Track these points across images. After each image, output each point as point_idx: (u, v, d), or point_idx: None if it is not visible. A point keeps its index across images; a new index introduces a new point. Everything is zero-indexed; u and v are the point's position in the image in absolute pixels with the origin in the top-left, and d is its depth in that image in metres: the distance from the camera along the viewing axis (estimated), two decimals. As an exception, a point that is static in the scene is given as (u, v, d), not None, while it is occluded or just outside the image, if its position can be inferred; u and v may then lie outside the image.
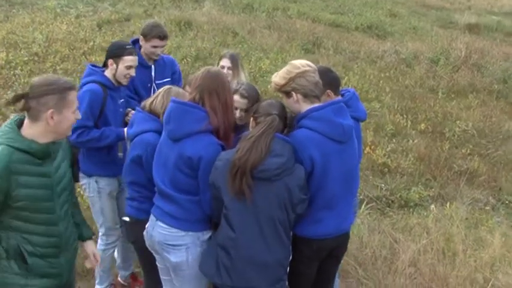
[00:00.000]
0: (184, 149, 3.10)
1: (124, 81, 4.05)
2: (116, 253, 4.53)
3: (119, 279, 4.62)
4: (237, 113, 3.61)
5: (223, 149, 3.16)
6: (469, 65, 12.51)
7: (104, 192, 4.13)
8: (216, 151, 3.11)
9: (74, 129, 3.72)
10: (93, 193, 4.12)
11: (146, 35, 4.51)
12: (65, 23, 12.14)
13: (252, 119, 3.24)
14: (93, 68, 4.05)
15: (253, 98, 3.61)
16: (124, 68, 3.98)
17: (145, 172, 3.40)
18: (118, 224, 4.30)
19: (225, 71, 4.66)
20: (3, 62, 9.32)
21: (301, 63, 3.22)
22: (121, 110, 4.14)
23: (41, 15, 12.84)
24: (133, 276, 4.64)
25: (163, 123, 3.25)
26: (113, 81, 4.02)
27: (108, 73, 4.01)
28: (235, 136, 3.40)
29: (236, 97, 3.65)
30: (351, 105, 3.54)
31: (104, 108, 3.94)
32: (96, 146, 3.99)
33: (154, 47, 4.53)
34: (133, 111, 4.21)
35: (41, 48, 10.16)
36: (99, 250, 4.20)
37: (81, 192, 4.78)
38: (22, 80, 8.77)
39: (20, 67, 9.23)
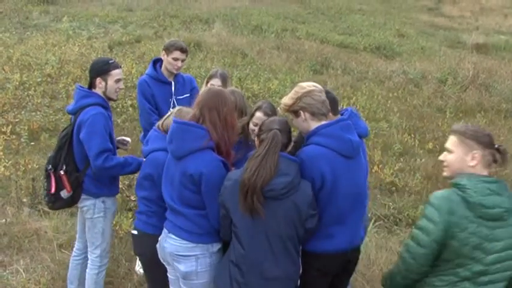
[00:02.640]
0: (187, 166, 3.21)
1: (115, 96, 4.07)
2: (70, 276, 4.41)
3: None
4: (257, 130, 3.73)
5: (225, 164, 3.26)
6: (477, 84, 12.54)
7: (109, 212, 4.16)
8: (216, 167, 3.22)
9: (100, 154, 3.78)
10: (99, 214, 4.09)
11: (168, 48, 4.83)
12: (77, 44, 12.37)
13: (256, 138, 3.33)
14: (85, 90, 4.02)
15: (274, 115, 3.74)
16: (113, 82, 3.98)
17: (156, 189, 3.50)
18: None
19: None
20: (17, 83, 9.51)
21: (307, 84, 3.36)
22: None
23: (53, 37, 13.09)
24: None
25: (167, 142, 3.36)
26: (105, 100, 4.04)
27: (98, 92, 3.99)
28: (242, 155, 3.50)
29: (259, 114, 3.81)
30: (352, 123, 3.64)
31: (109, 129, 3.98)
32: (120, 173, 4.06)
33: (175, 59, 4.83)
34: (126, 139, 4.33)
35: (54, 70, 10.35)
36: (93, 274, 4.18)
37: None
38: (35, 101, 8.94)
39: (33, 88, 9.41)
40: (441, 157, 3.03)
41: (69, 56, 11.32)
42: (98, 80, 3.97)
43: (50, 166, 3.97)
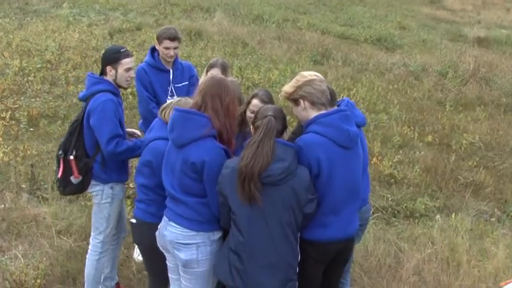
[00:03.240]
0: (188, 154, 3.21)
1: (125, 85, 4.10)
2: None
3: None
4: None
5: (226, 152, 3.26)
6: (478, 78, 12.52)
7: (117, 199, 4.18)
8: (218, 155, 3.22)
9: (111, 139, 3.82)
10: (107, 199, 4.11)
11: (158, 38, 4.85)
12: (77, 31, 12.32)
13: (251, 125, 3.34)
14: (96, 76, 4.06)
15: (271, 103, 3.75)
16: (123, 71, 4.00)
17: (155, 176, 3.50)
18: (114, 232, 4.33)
19: None
20: (17, 69, 9.48)
21: (308, 73, 3.38)
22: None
23: (53, 23, 13.04)
24: (118, 285, 4.56)
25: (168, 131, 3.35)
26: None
27: (109, 80, 4.02)
28: (239, 144, 3.51)
29: (255, 101, 3.83)
30: None
31: (119, 116, 4.00)
32: (130, 156, 4.08)
33: (167, 48, 4.82)
34: (137, 132, 4.34)
35: (54, 56, 10.33)
36: (94, 260, 4.20)
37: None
38: (35, 87, 8.92)
39: (33, 74, 9.39)
40: None
41: (69, 42, 11.29)
42: (109, 68, 4.00)
43: (61, 151, 4.01)
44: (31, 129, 7.60)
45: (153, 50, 4.96)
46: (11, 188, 6.09)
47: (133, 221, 3.70)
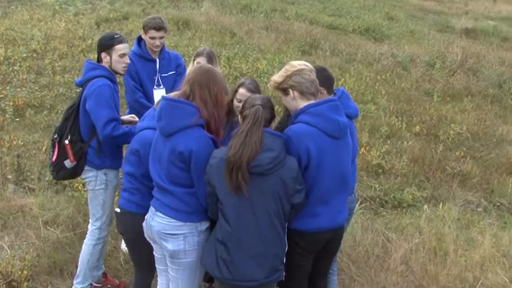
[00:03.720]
0: (176, 144, 3.19)
1: (121, 70, 4.10)
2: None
3: (92, 282, 4.47)
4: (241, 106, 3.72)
5: (214, 142, 3.25)
6: (465, 69, 12.59)
7: (111, 185, 4.18)
8: (206, 144, 3.20)
9: (108, 123, 3.84)
10: (100, 185, 4.13)
11: (144, 27, 4.81)
12: (63, 20, 12.20)
13: (239, 115, 3.32)
14: (93, 62, 4.08)
15: (258, 92, 3.73)
16: (118, 57, 4.01)
17: (141, 166, 3.47)
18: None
19: None
20: (2, 58, 9.38)
21: (298, 63, 3.36)
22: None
23: (39, 12, 12.90)
24: (105, 275, 4.54)
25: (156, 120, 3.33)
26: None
27: (105, 65, 4.03)
28: (227, 133, 3.49)
29: (242, 90, 3.81)
30: (341, 103, 3.64)
31: (115, 101, 4.02)
32: (125, 141, 4.05)
33: (152, 38, 4.79)
34: (136, 118, 4.32)
35: (40, 45, 10.21)
36: (90, 245, 4.22)
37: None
38: (21, 76, 8.82)
39: (18, 63, 9.29)
40: None
41: (56, 32, 11.17)
42: (103, 54, 4.02)
43: (56, 135, 4.02)
44: (17, 119, 7.53)
45: (140, 39, 4.92)
46: (-4, 179, 6.04)
47: (118, 210, 3.68)
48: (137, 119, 4.34)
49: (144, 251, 3.54)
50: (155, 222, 3.33)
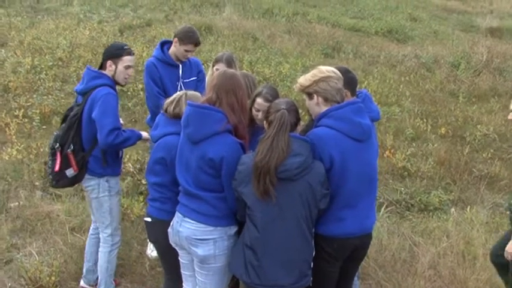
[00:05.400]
0: (205, 151, 3.19)
1: (123, 82, 4.12)
2: (87, 254, 4.51)
3: (83, 285, 4.55)
4: (259, 115, 3.72)
5: (242, 147, 3.25)
6: (491, 69, 12.39)
7: (114, 191, 4.21)
8: (237, 150, 3.21)
9: (111, 131, 3.85)
10: (104, 193, 4.15)
11: (183, 39, 4.79)
12: (87, 28, 12.35)
13: (265, 121, 3.32)
14: (96, 71, 4.08)
15: (276, 99, 3.69)
16: (123, 68, 4.03)
17: (168, 173, 3.48)
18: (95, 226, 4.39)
19: None
20: (29, 67, 9.52)
21: (326, 69, 3.34)
22: None
23: (64, 21, 13.08)
24: (115, 281, 4.56)
25: (181, 126, 3.33)
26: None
27: (107, 74, 4.04)
28: (253, 138, 3.48)
29: (259, 100, 3.78)
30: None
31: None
32: (123, 147, 4.12)
33: (187, 51, 4.83)
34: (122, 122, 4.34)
35: (65, 54, 10.36)
36: (106, 253, 4.27)
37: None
38: (47, 84, 8.95)
39: (44, 72, 9.42)
40: (509, 116, 3.89)
41: (80, 39, 11.31)
42: (109, 62, 4.02)
43: (58, 145, 4.01)
44: (44, 126, 7.64)
45: (163, 44, 4.93)
46: (24, 186, 6.14)
47: (148, 219, 3.68)
48: (122, 122, 4.34)
49: (176, 257, 3.55)
50: (183, 228, 3.33)
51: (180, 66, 4.93)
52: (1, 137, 7.34)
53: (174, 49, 4.85)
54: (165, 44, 4.93)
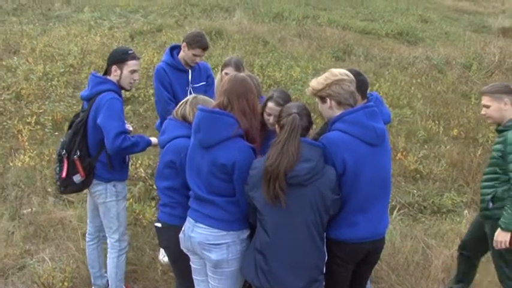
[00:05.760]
0: (217, 156, 3.18)
1: (128, 87, 4.13)
2: (90, 261, 4.53)
3: None
4: (271, 119, 3.71)
5: (254, 151, 3.24)
6: (503, 69, 12.28)
7: (121, 196, 4.23)
8: (249, 154, 3.21)
9: (118, 135, 3.84)
10: (111, 198, 4.16)
11: (191, 44, 4.79)
12: (98, 34, 12.42)
13: (276, 125, 3.31)
14: (100, 76, 4.09)
15: (287, 103, 3.67)
16: (128, 72, 4.03)
17: (178, 177, 3.47)
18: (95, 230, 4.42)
19: None
20: (41, 74, 9.59)
21: (339, 72, 3.30)
22: None
23: (75, 28, 13.17)
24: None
25: (192, 131, 3.33)
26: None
27: (112, 79, 4.05)
28: (265, 142, 3.48)
29: (271, 104, 3.78)
30: None
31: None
32: (131, 153, 4.13)
33: (195, 55, 4.82)
34: (130, 128, 4.34)
35: (76, 60, 10.42)
36: (114, 258, 4.27)
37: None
38: (59, 91, 9.02)
39: (56, 78, 9.48)
40: (482, 112, 4.17)
41: (91, 46, 11.38)
42: (114, 67, 4.03)
43: (64, 151, 4.02)
44: (56, 133, 7.69)
45: (172, 49, 4.94)
46: (37, 192, 6.18)
47: (159, 225, 3.67)
48: (131, 128, 4.37)
49: (188, 262, 3.54)
50: (196, 233, 3.32)
51: (190, 71, 4.94)
52: (14, 144, 7.40)
53: (182, 54, 4.87)
54: (175, 49, 4.95)
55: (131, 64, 4.04)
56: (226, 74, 4.73)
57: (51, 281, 4.51)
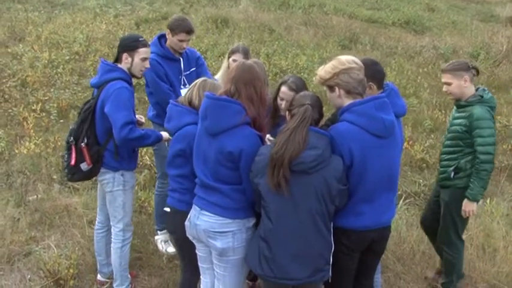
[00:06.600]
0: (224, 144, 3.16)
1: (139, 74, 4.07)
2: (97, 249, 4.52)
3: (100, 278, 4.56)
4: (283, 104, 3.68)
5: (261, 139, 3.22)
6: (511, 59, 12.20)
7: (129, 186, 4.20)
8: (255, 142, 3.18)
9: (125, 125, 3.79)
10: (118, 187, 4.13)
11: (174, 29, 4.62)
12: (104, 22, 12.39)
13: (287, 112, 3.27)
14: (110, 64, 4.04)
15: (301, 90, 3.64)
16: (139, 60, 3.98)
17: (189, 164, 3.44)
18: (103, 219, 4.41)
19: None
20: (46, 62, 9.57)
21: (347, 60, 3.22)
22: None
23: (81, 15, 13.13)
24: (131, 273, 4.56)
25: (199, 118, 3.30)
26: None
27: (122, 67, 4.00)
28: (274, 130, 3.45)
29: (284, 89, 3.76)
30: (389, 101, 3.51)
31: (132, 104, 3.98)
32: (139, 145, 4.09)
33: (181, 41, 4.64)
34: (142, 119, 4.30)
35: (82, 48, 10.40)
36: (117, 248, 4.25)
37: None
38: (64, 79, 9.00)
39: (62, 66, 9.47)
40: (444, 89, 4.34)
41: (97, 33, 11.35)
42: (125, 55, 3.98)
43: (72, 138, 4.00)
44: (61, 120, 7.68)
45: (160, 38, 4.75)
46: (42, 179, 6.18)
47: (168, 209, 3.67)
48: (144, 120, 4.32)
49: (193, 249, 3.54)
50: (201, 221, 3.31)
51: (181, 59, 4.78)
52: (19, 131, 7.40)
53: (169, 42, 4.68)
54: (162, 38, 4.75)
55: (142, 52, 3.98)
56: (234, 60, 4.65)
57: (57, 267, 4.51)
